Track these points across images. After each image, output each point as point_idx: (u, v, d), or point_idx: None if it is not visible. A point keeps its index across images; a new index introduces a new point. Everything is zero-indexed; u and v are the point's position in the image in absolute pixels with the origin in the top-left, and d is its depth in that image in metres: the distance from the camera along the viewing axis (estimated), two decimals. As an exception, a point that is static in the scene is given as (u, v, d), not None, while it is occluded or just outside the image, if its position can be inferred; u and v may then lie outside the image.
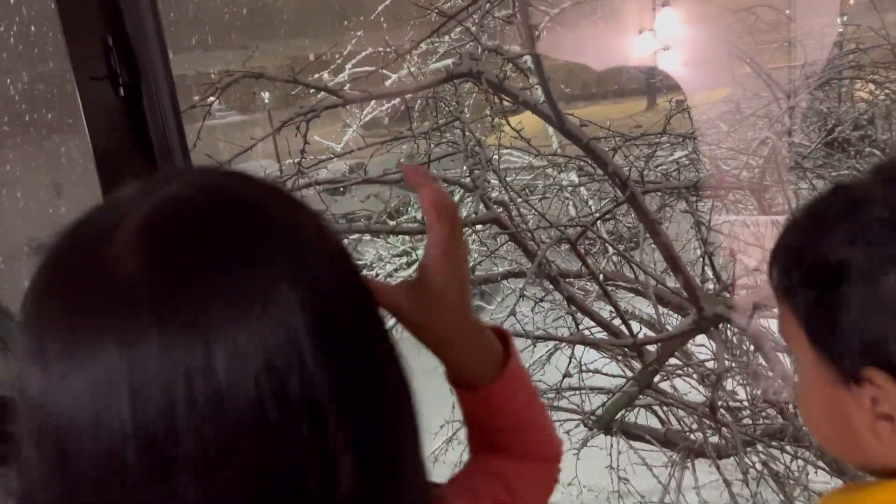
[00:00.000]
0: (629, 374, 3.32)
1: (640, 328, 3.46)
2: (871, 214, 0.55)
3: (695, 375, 3.19)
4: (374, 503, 0.44)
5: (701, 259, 3.07)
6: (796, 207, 0.61)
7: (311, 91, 3.40)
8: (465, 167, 3.49)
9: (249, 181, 0.47)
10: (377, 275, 4.33)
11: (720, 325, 2.74)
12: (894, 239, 0.53)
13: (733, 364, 3.02)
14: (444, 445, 3.60)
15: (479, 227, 3.58)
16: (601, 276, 3.33)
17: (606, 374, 3.24)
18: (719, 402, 3.15)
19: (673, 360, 3.31)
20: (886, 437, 0.55)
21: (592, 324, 3.42)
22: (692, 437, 3.31)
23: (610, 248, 3.82)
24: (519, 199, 3.59)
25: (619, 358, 3.43)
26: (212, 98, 3.06)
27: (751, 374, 2.97)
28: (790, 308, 0.59)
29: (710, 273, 3.09)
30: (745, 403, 3.23)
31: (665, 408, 3.39)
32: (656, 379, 3.23)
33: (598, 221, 3.82)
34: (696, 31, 4.16)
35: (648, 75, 3.94)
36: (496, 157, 3.80)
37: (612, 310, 3.23)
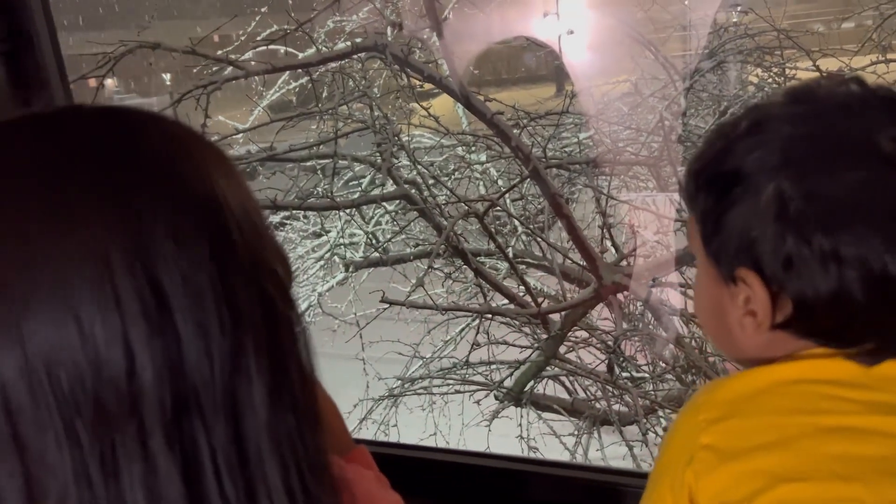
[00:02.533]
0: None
1: (546, 301, 3.58)
2: (769, 132, 0.59)
3: (598, 344, 3.33)
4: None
5: (601, 231, 3.21)
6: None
7: (215, 69, 3.33)
8: (373, 145, 3.50)
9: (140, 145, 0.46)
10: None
11: (619, 294, 2.88)
12: (781, 154, 0.58)
13: (630, 330, 3.17)
14: (358, 425, 3.63)
15: (389, 205, 3.60)
16: (510, 252, 3.42)
17: (514, 345, 3.34)
18: (623, 372, 3.31)
19: (578, 333, 3.45)
20: (748, 331, 0.62)
21: (503, 300, 3.51)
22: (597, 405, 3.46)
23: (519, 227, 3.92)
24: (431, 180, 3.63)
25: (528, 332, 3.53)
26: (103, 76, 2.93)
27: (647, 338, 3.13)
28: (694, 212, 0.65)
29: (609, 245, 3.23)
30: (646, 371, 3.40)
31: (571, 378, 3.52)
32: (563, 350, 3.35)
33: (508, 201, 3.91)
34: (598, 17, 4.28)
35: (554, 57, 4.05)
36: (406, 137, 3.82)
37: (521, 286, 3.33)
